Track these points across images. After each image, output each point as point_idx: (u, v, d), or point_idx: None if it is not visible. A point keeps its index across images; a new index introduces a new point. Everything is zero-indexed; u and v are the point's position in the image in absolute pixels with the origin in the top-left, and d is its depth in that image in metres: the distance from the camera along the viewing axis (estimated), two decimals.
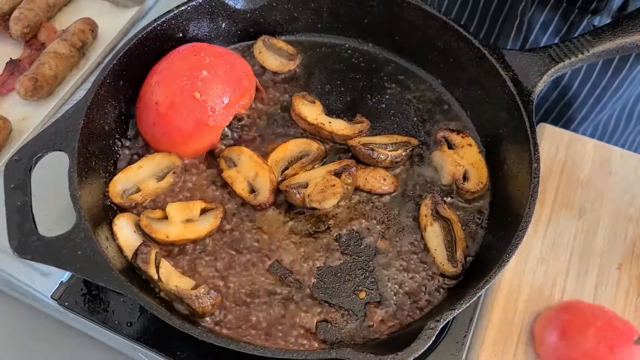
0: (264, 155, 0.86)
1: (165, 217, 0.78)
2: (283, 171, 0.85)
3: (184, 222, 0.78)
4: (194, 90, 0.81)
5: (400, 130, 0.92)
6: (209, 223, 0.79)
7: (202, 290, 0.70)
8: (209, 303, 0.71)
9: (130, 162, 0.85)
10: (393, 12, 0.93)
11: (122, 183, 0.81)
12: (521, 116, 0.80)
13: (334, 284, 0.77)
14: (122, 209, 0.80)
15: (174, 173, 0.82)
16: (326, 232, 0.81)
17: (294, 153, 0.86)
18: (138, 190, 0.81)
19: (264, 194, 0.81)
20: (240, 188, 0.82)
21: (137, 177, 0.82)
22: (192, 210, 0.78)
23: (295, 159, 0.86)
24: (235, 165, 0.84)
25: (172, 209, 0.78)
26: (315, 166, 0.86)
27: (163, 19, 0.88)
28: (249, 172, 0.82)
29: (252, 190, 0.83)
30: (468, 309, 0.76)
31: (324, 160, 0.88)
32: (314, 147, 0.86)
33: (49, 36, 1.03)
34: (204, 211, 0.80)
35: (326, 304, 0.76)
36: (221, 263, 0.78)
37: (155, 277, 0.71)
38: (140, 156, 0.85)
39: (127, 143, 0.87)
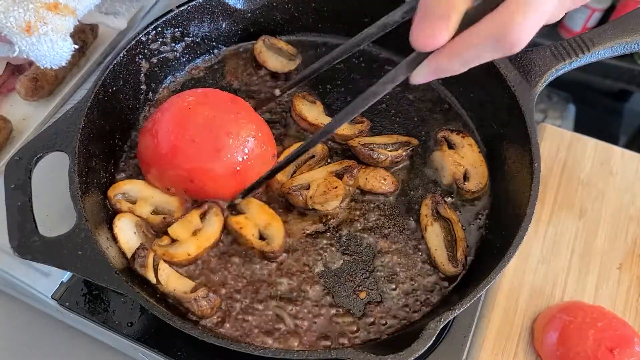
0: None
1: (173, 240, 0.77)
2: (292, 175, 0.84)
3: (193, 234, 0.77)
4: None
5: (401, 130, 0.92)
6: (215, 222, 0.78)
7: (201, 293, 0.70)
8: (207, 306, 0.70)
9: (130, 163, 0.85)
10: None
11: (133, 188, 0.80)
12: (521, 116, 0.80)
13: (335, 284, 0.77)
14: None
15: (164, 218, 0.78)
16: (326, 233, 0.81)
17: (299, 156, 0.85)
18: (133, 202, 0.79)
19: (278, 242, 0.77)
20: (251, 234, 0.77)
21: (146, 194, 0.80)
22: (192, 221, 0.78)
23: (302, 161, 0.85)
24: (242, 213, 0.81)
25: (175, 230, 0.77)
26: (319, 166, 0.86)
27: (164, 19, 0.88)
28: (260, 220, 0.79)
29: (261, 237, 0.79)
30: (469, 309, 0.76)
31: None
32: (318, 147, 0.86)
33: None
34: (202, 217, 0.79)
35: (326, 304, 0.76)
36: (220, 265, 0.78)
37: (154, 280, 0.70)
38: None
39: (128, 143, 0.87)
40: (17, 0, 0.75)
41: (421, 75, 0.57)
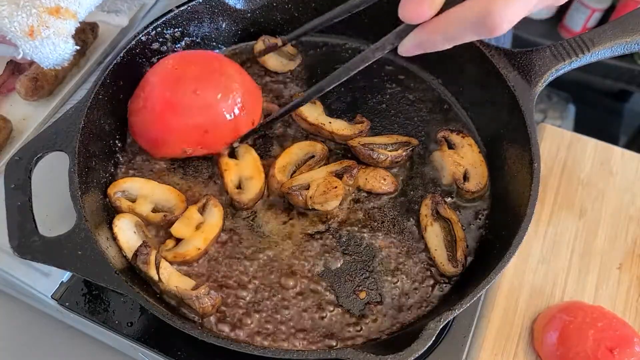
0: (268, 157, 0.87)
1: (178, 239, 0.78)
2: (292, 174, 0.84)
3: (197, 229, 0.78)
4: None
5: (401, 130, 0.92)
6: (216, 213, 0.79)
7: (203, 290, 0.70)
8: (209, 303, 0.71)
9: (130, 162, 0.85)
10: (394, 11, 0.93)
11: (133, 186, 0.80)
12: (521, 116, 0.80)
13: (334, 284, 0.77)
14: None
15: (165, 216, 0.79)
16: (326, 233, 0.81)
17: (299, 156, 0.85)
18: (133, 201, 0.79)
19: (248, 196, 0.80)
20: (230, 179, 0.81)
21: (146, 192, 0.80)
22: (192, 217, 0.78)
23: (302, 161, 0.85)
24: (235, 158, 0.84)
25: (178, 229, 0.77)
26: (319, 166, 0.86)
27: (164, 19, 0.88)
28: (246, 171, 0.82)
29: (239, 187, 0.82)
30: (468, 309, 0.76)
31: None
32: (318, 147, 0.86)
33: None
34: (201, 210, 0.79)
35: (326, 304, 0.76)
36: (221, 264, 0.78)
37: (156, 277, 0.71)
38: (139, 157, 0.86)
39: (128, 143, 0.87)
40: (20, 5, 0.77)
41: (407, 47, 0.60)
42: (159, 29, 0.88)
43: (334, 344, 0.73)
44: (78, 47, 0.85)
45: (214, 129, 0.81)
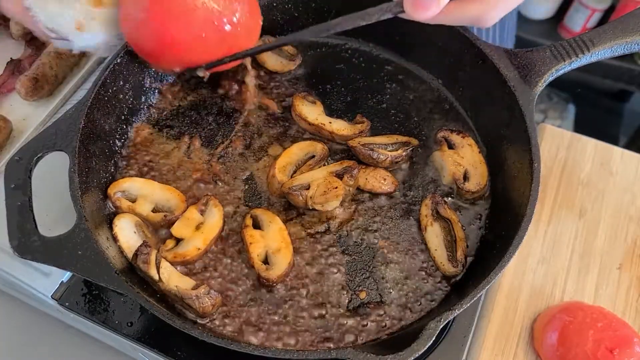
0: (267, 156, 0.86)
1: (178, 240, 0.78)
2: (292, 174, 0.84)
3: (196, 229, 0.78)
4: None
5: (401, 130, 0.92)
6: (216, 213, 0.79)
7: (203, 290, 0.70)
8: (209, 303, 0.71)
9: (130, 162, 0.85)
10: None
11: (133, 186, 0.80)
12: (521, 116, 0.80)
13: (334, 284, 0.77)
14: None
15: (165, 216, 0.79)
16: (327, 233, 0.81)
17: (299, 156, 0.85)
18: (133, 201, 0.79)
19: (278, 272, 0.75)
20: (256, 253, 0.77)
21: (146, 192, 0.80)
22: (192, 217, 0.78)
23: (302, 161, 0.85)
24: (261, 229, 0.80)
25: (178, 229, 0.77)
26: (319, 166, 0.86)
27: None
28: (273, 243, 0.78)
29: (265, 261, 0.78)
30: (469, 309, 0.76)
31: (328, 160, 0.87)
32: (318, 147, 0.86)
33: None
34: (201, 211, 0.79)
35: (326, 304, 0.76)
36: (220, 264, 0.78)
37: (156, 277, 0.70)
38: (139, 158, 0.86)
39: (128, 143, 0.87)
40: (64, 2, 0.78)
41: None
42: None
43: (335, 344, 0.73)
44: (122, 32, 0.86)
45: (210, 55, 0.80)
